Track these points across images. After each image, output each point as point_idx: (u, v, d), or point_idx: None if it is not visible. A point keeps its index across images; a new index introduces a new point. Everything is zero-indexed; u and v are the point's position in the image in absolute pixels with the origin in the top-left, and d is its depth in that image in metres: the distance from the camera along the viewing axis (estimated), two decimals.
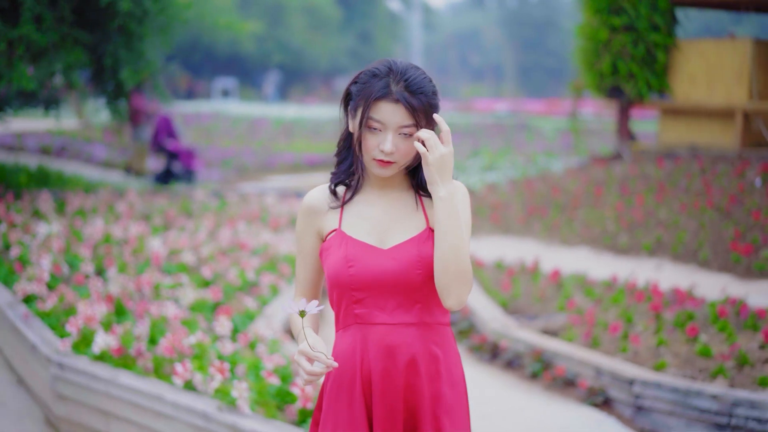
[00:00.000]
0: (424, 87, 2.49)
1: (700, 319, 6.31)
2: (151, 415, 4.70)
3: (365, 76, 2.52)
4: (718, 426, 4.98)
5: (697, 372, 5.44)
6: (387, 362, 2.52)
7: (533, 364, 6.16)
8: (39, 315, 5.95)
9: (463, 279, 2.45)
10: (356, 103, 2.54)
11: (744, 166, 11.00)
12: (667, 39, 13.08)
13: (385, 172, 2.54)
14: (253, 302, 6.40)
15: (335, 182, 2.66)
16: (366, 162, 2.56)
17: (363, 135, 2.53)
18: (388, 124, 2.48)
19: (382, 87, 2.48)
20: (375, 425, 2.53)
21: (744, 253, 8.54)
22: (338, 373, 2.56)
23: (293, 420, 4.30)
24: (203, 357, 4.96)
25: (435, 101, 2.52)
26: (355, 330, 2.55)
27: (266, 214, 10.41)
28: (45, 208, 9.52)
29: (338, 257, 2.54)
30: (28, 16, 9.46)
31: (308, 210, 2.66)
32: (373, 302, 2.54)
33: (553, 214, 11.49)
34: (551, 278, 7.95)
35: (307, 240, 2.66)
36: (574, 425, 5.25)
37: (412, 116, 2.47)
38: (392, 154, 2.49)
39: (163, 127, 14.42)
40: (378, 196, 2.63)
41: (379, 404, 2.53)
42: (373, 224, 2.59)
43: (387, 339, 2.53)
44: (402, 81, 2.48)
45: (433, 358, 2.55)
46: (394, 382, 2.53)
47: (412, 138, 2.50)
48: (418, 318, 2.54)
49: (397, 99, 2.47)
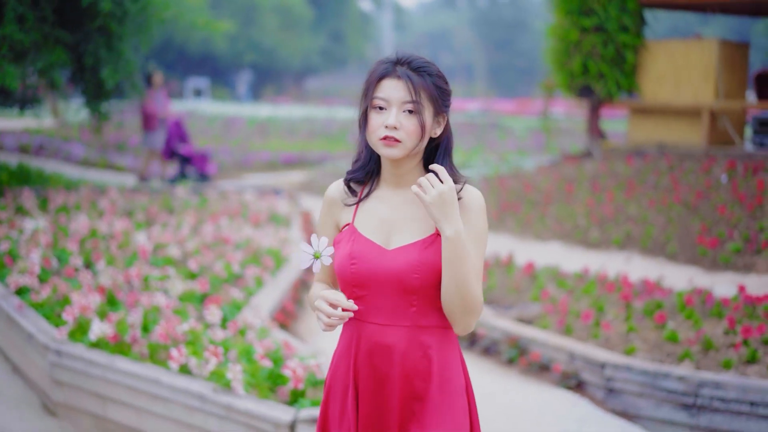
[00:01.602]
0: (427, 67, 2.57)
1: (668, 307, 6.61)
2: (148, 398, 4.92)
3: (374, 64, 2.61)
4: (684, 406, 5.27)
5: (665, 356, 5.74)
6: (375, 362, 2.57)
7: (509, 351, 6.44)
8: (33, 306, 6.14)
9: (469, 312, 2.51)
10: (364, 88, 2.61)
11: (710, 163, 11.34)
12: (636, 40, 13.41)
13: (392, 152, 2.55)
14: (239, 293, 6.63)
15: (350, 179, 2.70)
16: (373, 145, 2.59)
17: (369, 116, 2.58)
18: (391, 101, 2.53)
19: (386, 67, 2.57)
20: (360, 423, 2.59)
21: (710, 247, 8.87)
22: (336, 370, 2.66)
23: (285, 400, 4.53)
24: (196, 343, 5.18)
25: (441, 84, 2.58)
26: (352, 327, 2.62)
27: (246, 210, 10.62)
28: (28, 205, 9.69)
29: (344, 253, 2.60)
30: (11, 16, 9.61)
31: (329, 201, 2.72)
32: (372, 301, 2.57)
33: (526, 210, 11.78)
34: (525, 271, 8.23)
35: (326, 230, 2.73)
36: (549, 407, 5.53)
37: (414, 92, 2.52)
38: (397, 131, 2.52)
39: (175, 132, 14.56)
40: (392, 194, 2.66)
41: (366, 403, 2.59)
42: (383, 223, 2.62)
43: (376, 338, 2.57)
44: (406, 62, 2.56)
45: (423, 359, 2.56)
46: (382, 382, 2.57)
47: (416, 116, 2.53)
48: (412, 321, 2.56)
49: (399, 76, 2.54)
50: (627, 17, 13.28)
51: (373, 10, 62.99)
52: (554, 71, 14.04)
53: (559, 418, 5.32)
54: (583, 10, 13.40)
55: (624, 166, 12.28)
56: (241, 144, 22.13)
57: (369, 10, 63.01)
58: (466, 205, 2.59)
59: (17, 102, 12.02)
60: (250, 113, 31.04)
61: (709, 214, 9.72)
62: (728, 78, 12.89)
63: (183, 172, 14.68)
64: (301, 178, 17.75)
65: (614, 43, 13.36)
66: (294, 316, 7.31)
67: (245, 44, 47.69)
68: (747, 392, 5.04)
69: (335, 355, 2.71)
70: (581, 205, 11.33)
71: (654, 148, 12.81)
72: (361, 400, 2.60)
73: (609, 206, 10.91)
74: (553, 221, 11.13)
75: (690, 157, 12.00)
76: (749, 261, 8.51)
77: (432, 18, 79.61)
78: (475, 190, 2.62)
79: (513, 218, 11.63)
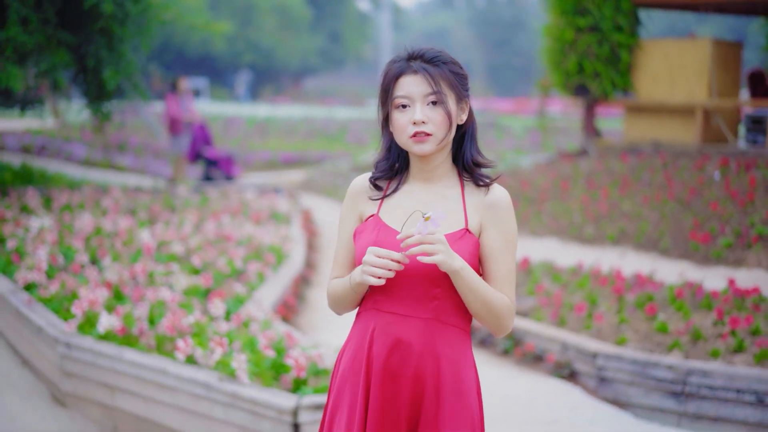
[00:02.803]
0: (441, 56, 2.58)
1: (659, 300, 6.80)
2: (155, 388, 5.10)
3: (387, 66, 2.62)
4: (673, 393, 5.46)
5: (655, 346, 5.92)
6: (389, 352, 2.56)
7: (505, 342, 6.64)
8: (41, 301, 6.33)
9: (504, 318, 2.56)
10: (383, 90, 2.61)
11: (704, 160, 11.53)
12: (631, 39, 13.59)
13: (425, 147, 2.56)
14: (242, 288, 6.81)
15: (376, 177, 2.70)
16: (404, 144, 2.60)
17: (393, 117, 2.59)
18: (414, 97, 2.54)
19: (401, 65, 2.58)
20: (370, 412, 2.57)
21: (702, 242, 9.06)
22: (347, 362, 2.65)
23: (288, 388, 4.72)
24: (202, 335, 5.37)
25: (457, 69, 2.59)
26: (370, 315, 2.61)
27: (247, 208, 10.80)
28: (33, 204, 9.86)
29: (368, 241, 2.58)
30: (14, 18, 9.78)
31: (353, 194, 2.72)
32: (393, 291, 2.56)
33: (522, 207, 11.97)
34: (521, 266, 8.41)
35: (349, 223, 2.71)
36: (542, 395, 5.72)
37: (434, 83, 2.53)
38: (426, 125, 2.53)
39: (200, 136, 14.78)
40: (421, 189, 2.66)
41: (377, 392, 2.56)
42: (408, 214, 2.59)
43: (392, 329, 2.56)
44: (419, 56, 2.57)
45: (437, 357, 2.55)
46: (394, 373, 2.56)
47: (441, 106, 2.55)
48: (432, 314, 2.56)
49: (416, 70, 2.55)
50: (621, 17, 13.46)
51: (371, 10, 63.14)
52: (550, 70, 14.22)
53: (551, 405, 5.51)
54: (578, 10, 13.58)
55: (619, 164, 12.46)
56: (241, 144, 22.30)
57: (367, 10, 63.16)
58: (496, 205, 2.61)
59: (18, 103, 12.19)
60: (249, 113, 31.21)
61: (702, 210, 9.90)
62: (721, 77, 13.07)
63: (209, 175, 14.88)
64: (300, 177, 17.93)
65: (609, 42, 13.53)
66: (295, 310, 7.49)
67: (244, 45, 47.86)
68: (733, 380, 5.23)
69: (347, 346, 2.69)
70: (576, 201, 11.51)
71: (649, 146, 12.99)
72: (373, 390, 2.58)
73: (604, 203, 11.09)
74: (548, 218, 11.32)
75: (684, 155, 12.18)
76: (740, 256, 8.69)
77: (430, 18, 79.78)
78: (502, 189, 2.64)
79: None
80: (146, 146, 18.61)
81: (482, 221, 2.60)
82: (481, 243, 2.60)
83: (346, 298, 2.65)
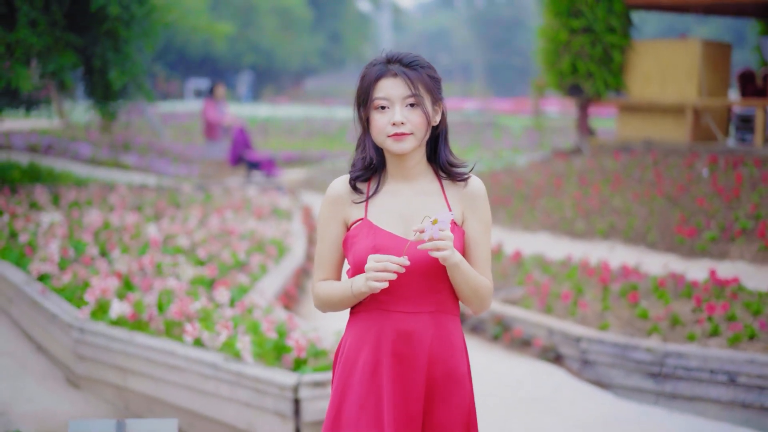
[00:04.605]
0: (418, 60, 2.70)
1: (642, 289, 7.14)
2: (165, 369, 5.45)
3: (365, 69, 2.73)
4: (651, 374, 5.81)
5: (635, 331, 6.27)
6: (405, 348, 2.68)
7: (494, 328, 7.00)
8: (54, 291, 6.68)
9: (485, 299, 2.73)
10: (361, 91, 2.72)
11: (693, 158, 11.87)
12: (623, 40, 13.92)
13: (404, 146, 2.68)
14: (245, 278, 7.16)
15: (355, 177, 2.79)
16: (382, 144, 2.71)
17: (372, 118, 2.70)
18: (392, 98, 2.66)
19: (380, 68, 2.69)
20: (388, 407, 2.67)
21: (688, 236, 9.40)
22: (366, 357, 2.72)
23: (289, 367, 5.06)
24: (208, 320, 5.72)
25: (433, 73, 2.72)
26: (375, 315, 2.71)
27: (249, 204, 11.14)
28: (42, 201, 10.20)
29: (366, 246, 2.67)
30: (24, 21, 10.11)
31: (334, 199, 2.79)
32: (397, 290, 2.67)
33: (516, 203, 12.31)
34: (513, 258, 8.75)
35: (331, 227, 2.79)
36: (529, 377, 6.07)
37: (412, 86, 2.65)
38: (404, 125, 2.65)
39: (240, 140, 15.15)
40: (403, 187, 2.76)
41: (397, 387, 2.68)
42: (399, 215, 2.72)
43: (404, 326, 2.68)
44: (397, 60, 2.69)
45: (444, 344, 2.71)
46: (411, 365, 2.68)
47: (419, 108, 2.67)
48: (436, 306, 2.71)
49: (395, 73, 2.66)
50: (614, 18, 13.79)
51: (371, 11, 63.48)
52: (545, 70, 14.55)
53: (537, 386, 5.87)
54: (572, 11, 13.91)
55: (611, 162, 12.80)
56: None
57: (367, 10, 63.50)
58: (475, 195, 2.78)
59: (23, 103, 12.51)
60: (250, 113, 31.54)
61: (689, 205, 10.24)
62: (711, 77, 13.40)
63: (251, 178, 15.26)
64: (301, 175, 18.27)
65: (602, 43, 13.87)
66: (296, 300, 7.84)
67: (245, 45, 48.19)
68: (707, 361, 5.58)
69: (348, 348, 2.78)
70: (569, 198, 11.85)
71: (641, 144, 13.33)
72: (392, 385, 2.68)
73: (595, 199, 11.43)
74: (541, 213, 11.66)
75: (674, 153, 12.51)
76: (724, 249, 9.04)
77: (430, 18, 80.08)
78: (477, 180, 2.80)
79: (504, 211, 12.15)
80: (150, 146, 18.97)
81: (464, 211, 2.77)
82: (464, 232, 2.77)
83: (343, 303, 2.74)
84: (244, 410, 5.06)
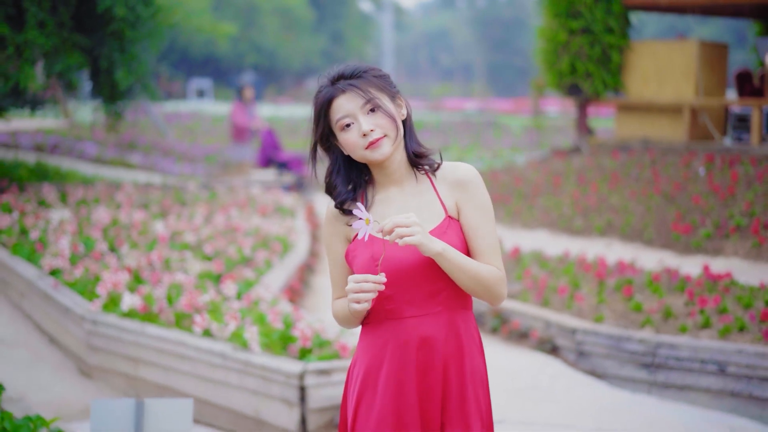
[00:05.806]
0: (359, 68, 2.69)
1: (637, 284, 7.35)
2: (175, 359, 5.66)
3: (315, 97, 2.72)
4: (644, 365, 6.01)
5: (629, 323, 6.47)
6: (427, 356, 2.66)
7: (493, 321, 7.22)
8: (66, 284, 6.89)
9: (491, 293, 2.66)
10: (320, 120, 2.71)
11: (691, 157, 12.07)
12: (621, 41, 14.12)
13: (383, 150, 2.66)
14: (251, 273, 7.37)
15: (341, 201, 2.75)
16: (362, 158, 2.68)
17: (342, 139, 2.68)
18: (352, 112, 2.65)
19: (328, 90, 2.69)
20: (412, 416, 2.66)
21: (683, 233, 9.61)
22: (368, 367, 2.71)
23: (295, 356, 5.27)
24: (216, 311, 5.93)
25: (378, 73, 2.70)
26: (386, 326, 2.68)
27: (254, 202, 11.35)
28: (50, 199, 10.42)
29: (366, 257, 2.65)
30: (32, 22, 10.32)
31: (334, 217, 2.78)
32: (402, 297, 2.65)
33: (515, 201, 12.52)
34: (511, 254, 8.95)
35: (336, 245, 2.78)
36: (526, 367, 6.28)
37: (364, 93, 2.64)
38: (374, 131, 2.63)
39: (269, 141, 15.40)
40: (394, 192, 2.74)
41: (421, 396, 2.67)
42: None
43: (419, 330, 2.65)
44: (338, 76, 2.68)
45: (458, 341, 2.68)
46: (427, 369, 2.66)
47: (380, 110, 2.65)
48: (444, 305, 2.67)
49: (343, 89, 2.65)
50: (612, 19, 13.99)
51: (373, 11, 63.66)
52: (544, 70, 14.74)
53: (534, 376, 6.07)
54: (571, 12, 14.11)
55: (610, 160, 13.00)
56: None
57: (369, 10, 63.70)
58: (464, 182, 2.71)
59: (29, 103, 12.72)
60: None
61: (685, 203, 10.44)
62: (708, 77, 13.60)
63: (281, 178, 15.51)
64: None
65: (600, 44, 14.06)
66: (300, 294, 8.05)
67: (247, 46, 48.41)
68: (698, 352, 5.78)
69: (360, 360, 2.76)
70: (567, 196, 12.05)
71: (639, 143, 13.52)
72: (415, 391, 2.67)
73: (593, 197, 11.63)
74: (540, 211, 11.86)
75: (672, 152, 12.71)
76: (718, 245, 9.24)
77: (431, 18, 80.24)
78: (466, 165, 2.72)
79: (503, 209, 12.35)
80: (155, 145, 19.18)
81: (457, 201, 2.70)
82: (461, 222, 2.70)
83: (351, 320, 2.74)
84: (252, 398, 5.27)
